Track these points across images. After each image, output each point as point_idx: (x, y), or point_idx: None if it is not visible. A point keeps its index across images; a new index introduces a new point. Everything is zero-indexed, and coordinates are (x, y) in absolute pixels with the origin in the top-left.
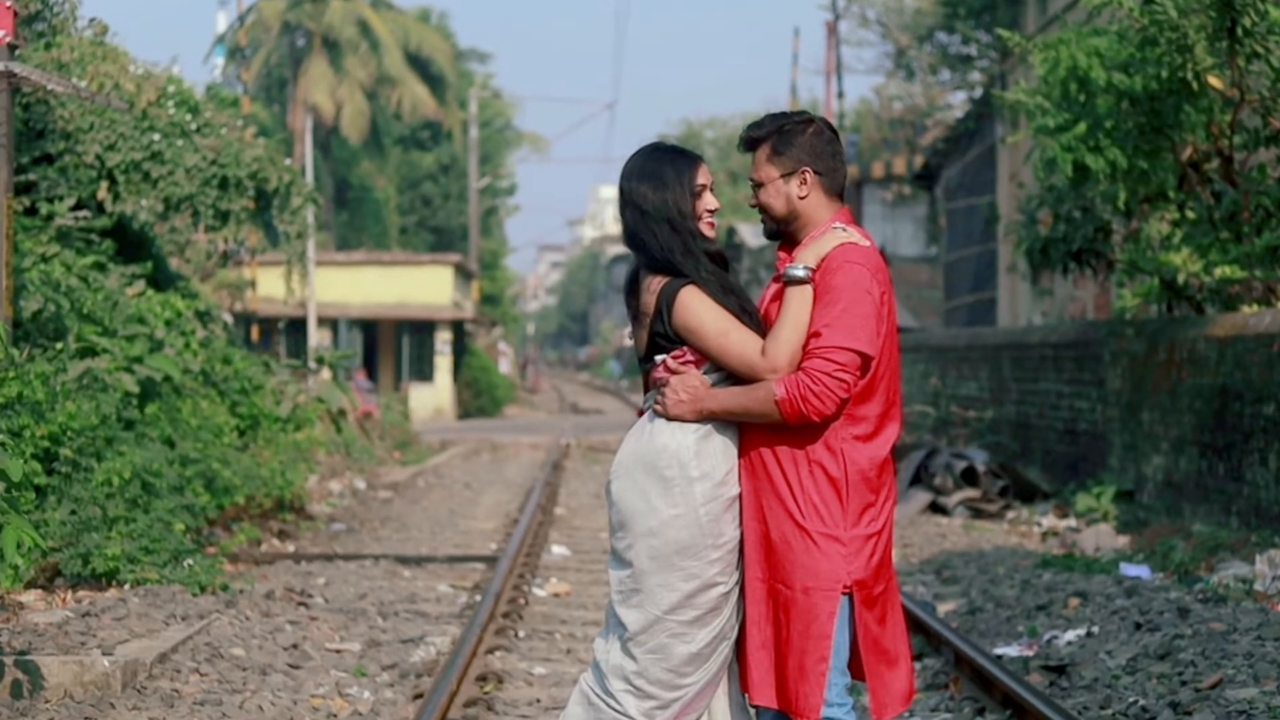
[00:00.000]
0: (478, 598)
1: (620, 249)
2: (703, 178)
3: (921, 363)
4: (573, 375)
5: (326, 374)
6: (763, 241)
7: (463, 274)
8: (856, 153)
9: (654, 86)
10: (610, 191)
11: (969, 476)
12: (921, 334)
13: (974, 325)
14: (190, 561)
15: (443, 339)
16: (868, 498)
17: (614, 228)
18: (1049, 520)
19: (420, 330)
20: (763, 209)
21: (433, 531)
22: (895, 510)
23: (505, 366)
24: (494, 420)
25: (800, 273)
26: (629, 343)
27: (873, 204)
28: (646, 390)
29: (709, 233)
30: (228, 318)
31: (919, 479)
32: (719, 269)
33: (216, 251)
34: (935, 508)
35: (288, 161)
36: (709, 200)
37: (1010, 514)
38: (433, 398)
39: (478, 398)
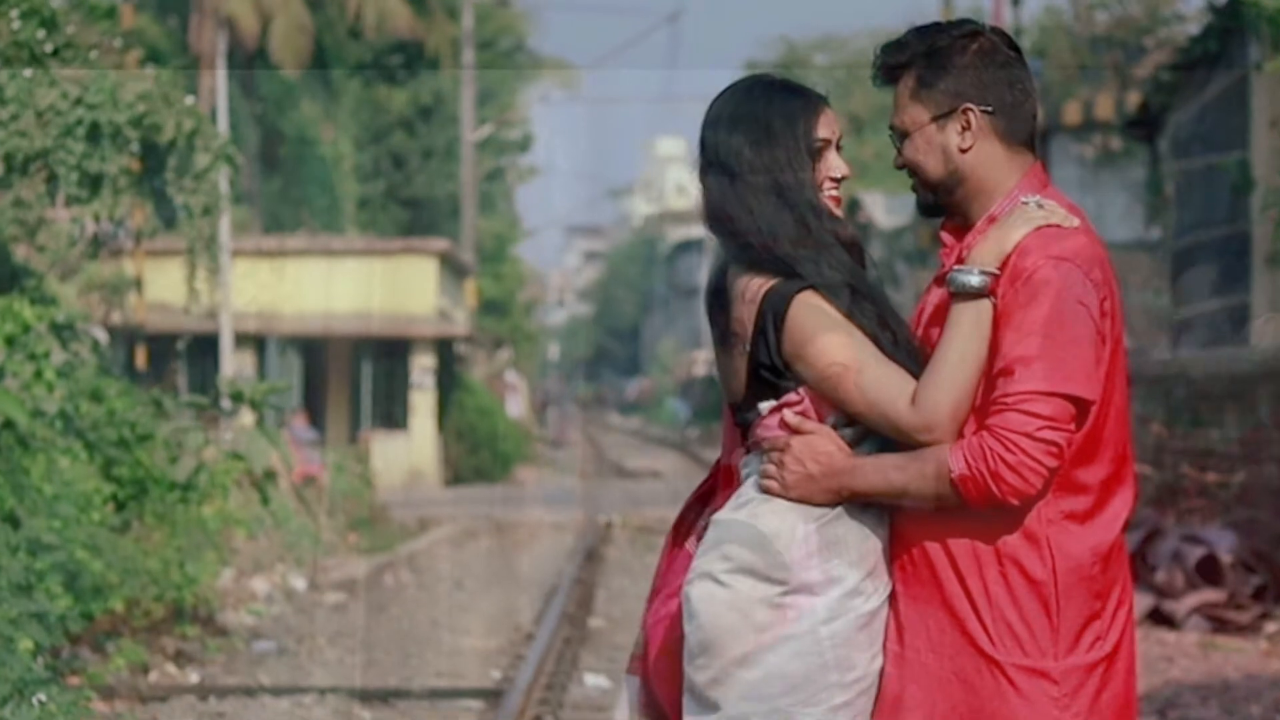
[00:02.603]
0: None
1: (691, 232)
2: (826, 129)
3: (1137, 400)
4: (616, 421)
5: (248, 418)
6: (898, 220)
7: (452, 269)
8: (1041, 88)
9: None
10: (674, 147)
11: (1208, 570)
12: (1137, 357)
13: (1216, 345)
14: (42, 697)
15: (422, 366)
16: (1091, 606)
17: (679, 201)
18: None
19: (389, 353)
20: (912, 170)
21: (406, 653)
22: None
23: (516, 407)
24: (499, 487)
25: (974, 279)
26: (702, 372)
27: (1065, 164)
28: (747, 451)
29: (835, 210)
30: (101, 334)
31: (1134, 573)
32: (853, 264)
33: (84, 235)
34: (1158, 616)
35: (190, 101)
36: (834, 163)
37: (1270, 626)
38: (407, 454)
39: (474, 454)
